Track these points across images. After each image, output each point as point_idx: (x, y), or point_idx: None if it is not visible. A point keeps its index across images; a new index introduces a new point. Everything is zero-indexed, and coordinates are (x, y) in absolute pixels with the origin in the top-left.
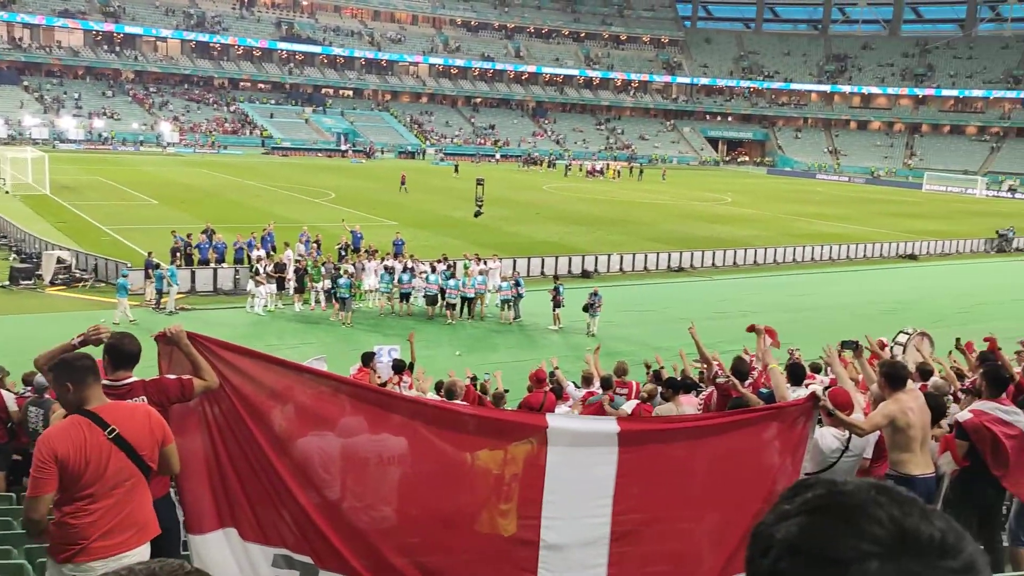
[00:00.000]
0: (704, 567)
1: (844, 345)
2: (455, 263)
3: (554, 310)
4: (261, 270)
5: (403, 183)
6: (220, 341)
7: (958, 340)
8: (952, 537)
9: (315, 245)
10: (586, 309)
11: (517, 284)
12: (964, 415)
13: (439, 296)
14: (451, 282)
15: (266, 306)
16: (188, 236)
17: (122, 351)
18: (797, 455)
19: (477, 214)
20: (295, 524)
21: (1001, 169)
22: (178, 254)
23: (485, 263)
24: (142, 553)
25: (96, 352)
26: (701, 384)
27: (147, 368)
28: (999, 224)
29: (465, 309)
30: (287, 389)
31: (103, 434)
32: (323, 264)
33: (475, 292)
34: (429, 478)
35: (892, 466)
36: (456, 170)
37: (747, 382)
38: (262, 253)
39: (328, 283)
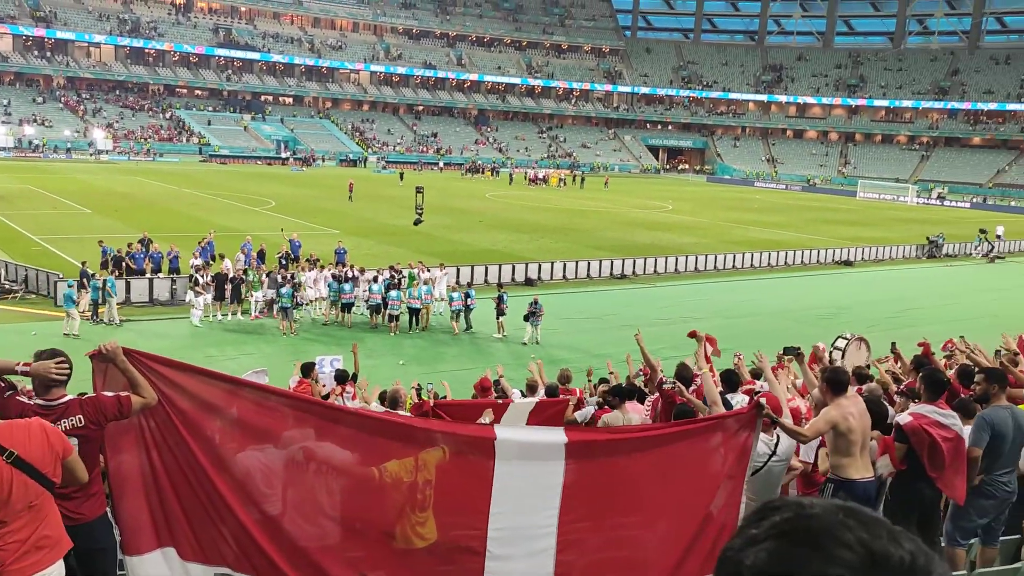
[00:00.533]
0: (651, 575)
1: (786, 351)
2: (400, 273)
3: (498, 318)
4: (200, 280)
5: (351, 191)
6: (157, 356)
7: (894, 345)
8: (922, 559)
9: (255, 255)
10: (527, 319)
11: (467, 295)
12: (903, 418)
13: (382, 306)
14: (393, 293)
15: (204, 316)
16: (129, 245)
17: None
18: (741, 463)
19: (417, 222)
20: (236, 541)
21: (930, 177)
22: (110, 265)
23: (429, 271)
24: (58, 570)
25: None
26: (646, 390)
27: (80, 383)
28: (929, 231)
29: (413, 320)
30: (226, 403)
31: (1, 459)
32: (267, 274)
33: (421, 303)
34: (372, 491)
35: (833, 470)
36: (401, 178)
37: (691, 388)
38: (200, 262)
39: (271, 293)
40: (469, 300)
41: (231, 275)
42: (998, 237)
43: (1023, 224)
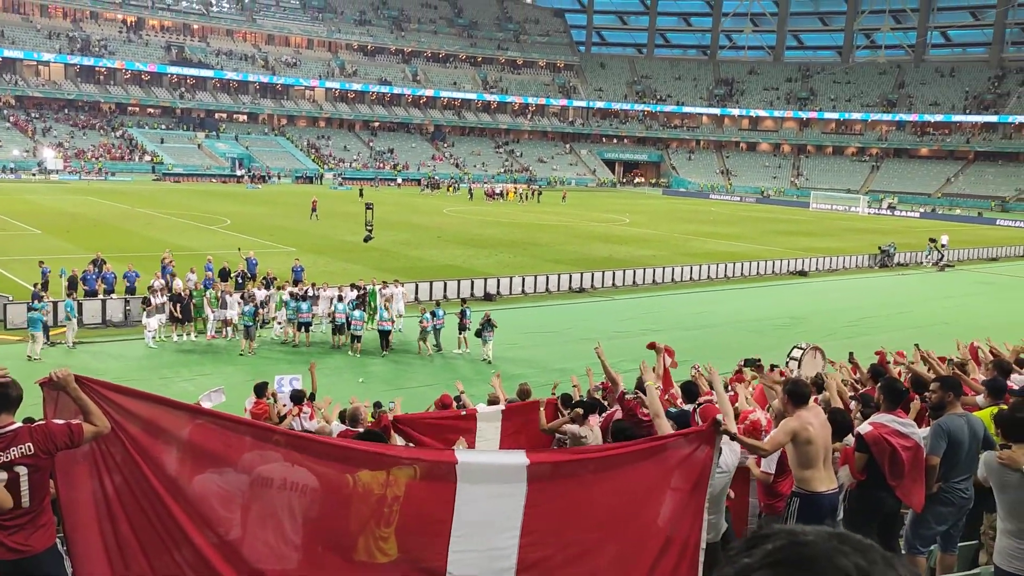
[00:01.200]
0: None
1: (747, 363)
2: (362, 290)
3: (460, 333)
4: (153, 300)
5: (314, 209)
6: (109, 383)
7: (851, 354)
8: None
9: (216, 275)
10: (478, 334)
11: (434, 314)
12: (864, 428)
13: (346, 326)
14: (356, 313)
15: (155, 337)
16: (73, 270)
17: (5, 397)
18: (702, 480)
19: (367, 239)
20: (193, 569)
21: (881, 187)
22: (73, 288)
23: (386, 288)
24: None
25: None
26: (606, 404)
27: (30, 409)
28: (880, 240)
29: (383, 342)
30: (180, 429)
31: None
32: (223, 292)
33: (392, 325)
34: (330, 516)
35: (798, 483)
36: (361, 194)
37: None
38: (159, 283)
39: (231, 313)
40: (436, 320)
41: (182, 294)
42: (943, 246)
43: (970, 233)
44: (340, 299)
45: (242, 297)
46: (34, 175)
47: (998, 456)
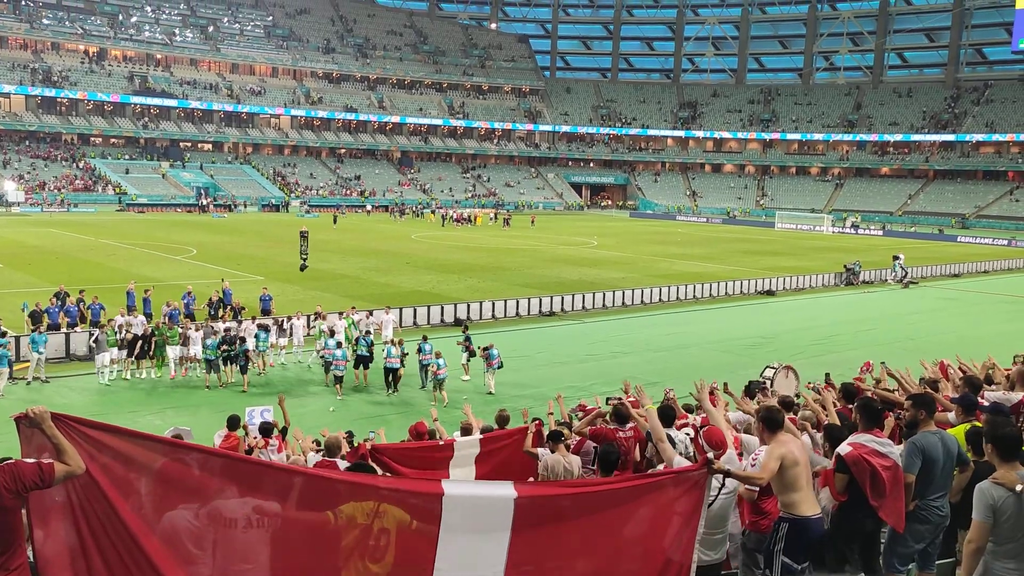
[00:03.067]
0: None
1: (750, 385)
2: (321, 317)
3: (467, 360)
4: (100, 336)
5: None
6: (85, 420)
7: (828, 375)
8: None
9: (173, 305)
10: (471, 354)
11: (420, 349)
12: (844, 448)
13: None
14: (339, 352)
15: (112, 374)
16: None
17: None
18: (692, 521)
19: (303, 267)
20: None
21: (844, 206)
22: (38, 322)
23: (372, 316)
24: None
25: None
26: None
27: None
28: (846, 258)
29: (390, 378)
30: (155, 464)
31: None
32: (184, 329)
33: (400, 361)
34: (309, 549)
35: (784, 508)
36: (335, 221)
37: (628, 425)
38: (122, 319)
39: (193, 349)
40: (424, 355)
41: (142, 331)
42: (895, 259)
43: (932, 249)
44: (332, 334)
45: (203, 331)
46: (3, 208)
47: (992, 478)
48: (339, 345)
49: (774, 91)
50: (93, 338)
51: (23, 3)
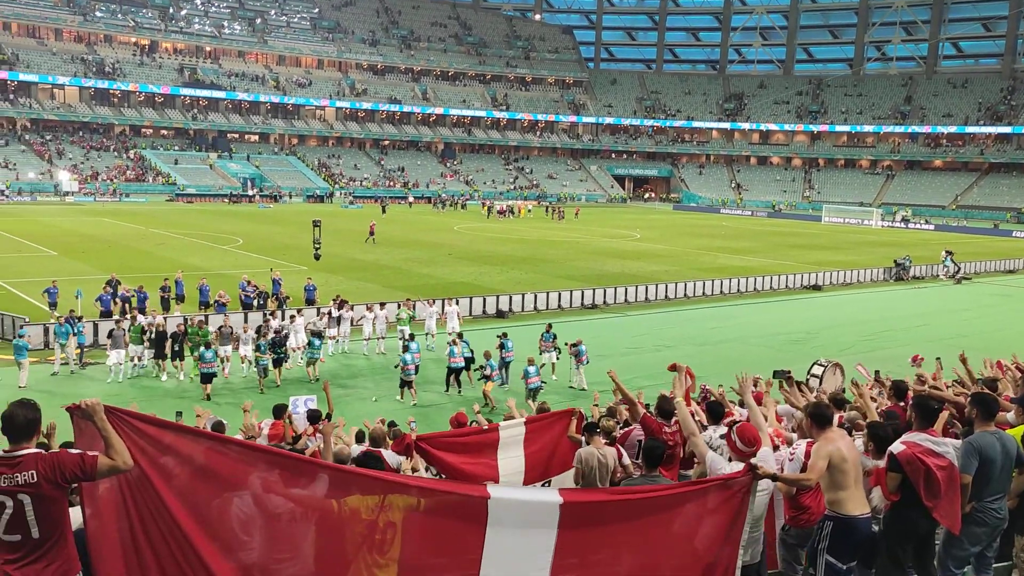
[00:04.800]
0: None
1: (775, 375)
2: (341, 304)
3: (556, 359)
4: (115, 331)
5: (372, 233)
6: (138, 414)
7: (877, 373)
8: None
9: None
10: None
11: (503, 346)
12: (897, 447)
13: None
14: (407, 356)
15: (132, 371)
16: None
17: (10, 422)
18: (736, 526)
19: (317, 257)
20: None
21: (894, 200)
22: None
23: (433, 305)
24: None
25: None
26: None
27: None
28: (895, 253)
29: (452, 379)
30: (203, 457)
31: None
32: (225, 328)
33: (463, 359)
34: (340, 542)
35: (830, 506)
36: (384, 211)
37: (673, 420)
38: (146, 320)
39: (247, 348)
40: (506, 352)
41: (177, 332)
42: (948, 254)
43: (986, 245)
44: (411, 337)
45: (257, 331)
46: (57, 198)
47: None
48: (405, 349)
49: (823, 82)
50: (108, 333)
51: None
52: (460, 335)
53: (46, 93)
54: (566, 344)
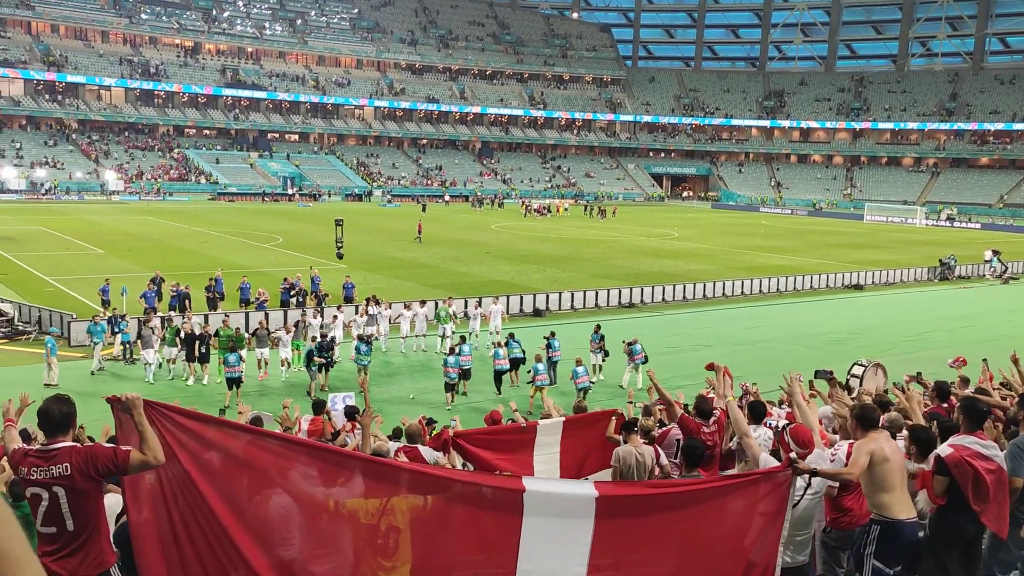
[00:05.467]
0: None
1: (817, 375)
2: (378, 304)
3: (602, 360)
4: (143, 331)
5: (420, 232)
6: (179, 408)
7: (919, 374)
8: None
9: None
10: (606, 355)
11: (550, 345)
12: (944, 450)
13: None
14: (451, 358)
15: (166, 374)
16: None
17: (46, 416)
18: (777, 522)
19: (339, 256)
20: None
21: (938, 198)
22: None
23: (480, 306)
24: None
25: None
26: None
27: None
28: (940, 252)
29: (501, 381)
30: (242, 451)
31: None
32: (260, 331)
33: (509, 361)
34: (379, 536)
35: (876, 510)
36: (424, 209)
37: (711, 419)
38: (178, 321)
39: (286, 351)
40: (553, 352)
41: (204, 334)
42: (995, 253)
43: None
44: (463, 340)
45: (295, 325)
46: (104, 197)
47: None
48: (451, 352)
49: (866, 78)
50: (138, 332)
51: None
52: (512, 335)
53: (93, 94)
54: (623, 342)
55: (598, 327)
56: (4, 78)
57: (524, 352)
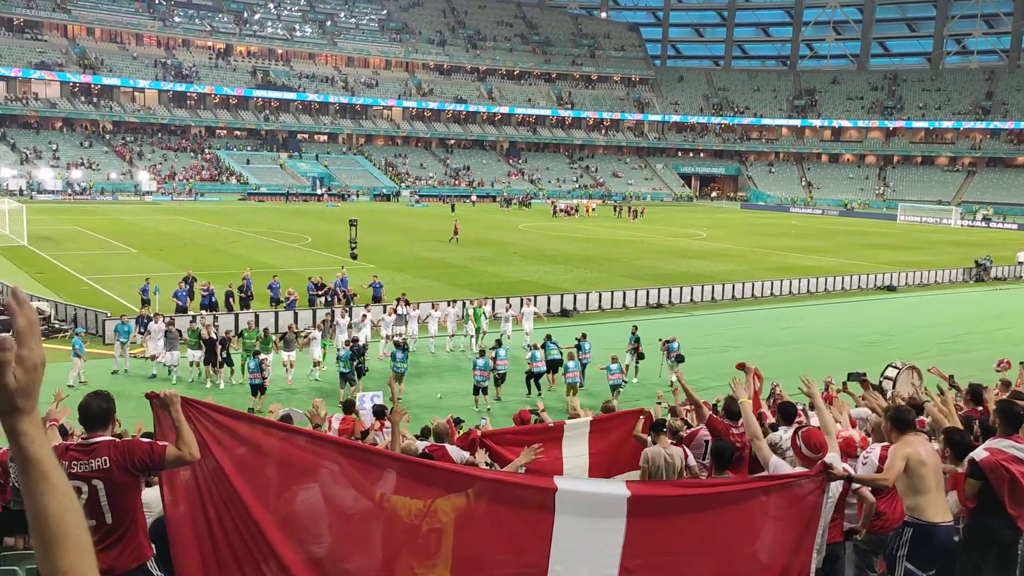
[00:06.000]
0: None
1: (851, 377)
2: (405, 303)
3: (635, 362)
4: (177, 331)
5: (455, 233)
6: (215, 405)
7: (951, 377)
8: None
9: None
10: (640, 357)
11: (580, 347)
12: (979, 454)
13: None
14: (480, 360)
15: (187, 376)
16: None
17: (86, 411)
18: (811, 528)
19: (353, 256)
20: None
21: (975, 198)
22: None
23: (509, 308)
24: None
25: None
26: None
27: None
28: (976, 253)
29: (533, 384)
30: (276, 448)
31: None
32: (290, 334)
33: (546, 363)
34: (408, 535)
35: (910, 512)
36: (453, 209)
37: (740, 421)
38: (201, 322)
39: (316, 351)
40: (583, 354)
41: (227, 337)
42: (1023, 260)
43: None
44: (496, 346)
45: (323, 323)
46: (137, 197)
47: None
48: (481, 354)
49: (899, 77)
50: (161, 333)
51: (157, 2)
52: (549, 336)
53: (127, 96)
54: (659, 340)
55: (635, 328)
56: (41, 80)
57: (562, 354)
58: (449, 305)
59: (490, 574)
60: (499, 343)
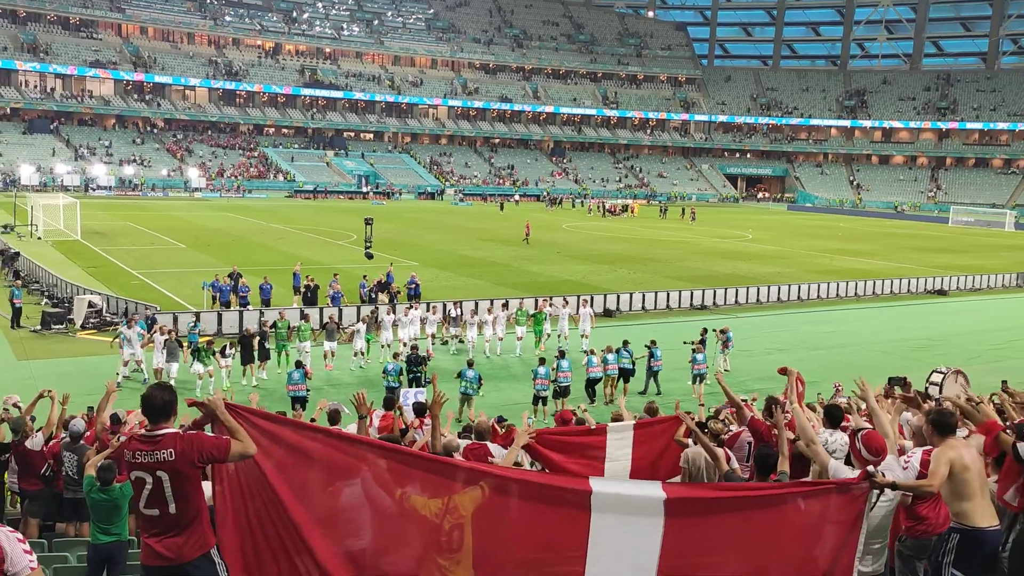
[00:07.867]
0: None
1: (891, 382)
2: (460, 309)
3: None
4: (176, 341)
5: (528, 234)
6: (254, 409)
7: (1004, 383)
8: None
9: (335, 286)
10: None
11: (652, 354)
12: None
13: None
14: (541, 369)
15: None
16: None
17: (148, 403)
18: (853, 535)
19: (368, 255)
20: None
21: None
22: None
23: (567, 306)
24: None
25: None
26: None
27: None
28: None
29: (590, 392)
30: (314, 450)
31: None
32: (329, 325)
33: (604, 370)
34: (446, 533)
35: (956, 518)
36: (502, 208)
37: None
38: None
39: (360, 343)
40: (655, 361)
41: (263, 332)
42: None
43: None
44: (592, 352)
45: (366, 317)
46: (187, 193)
47: None
48: (542, 361)
49: (953, 77)
50: (163, 343)
51: (208, 1)
52: (626, 342)
53: (179, 94)
54: (714, 330)
55: (704, 331)
56: (96, 79)
57: (634, 364)
58: (503, 308)
59: (523, 573)
60: (562, 353)
